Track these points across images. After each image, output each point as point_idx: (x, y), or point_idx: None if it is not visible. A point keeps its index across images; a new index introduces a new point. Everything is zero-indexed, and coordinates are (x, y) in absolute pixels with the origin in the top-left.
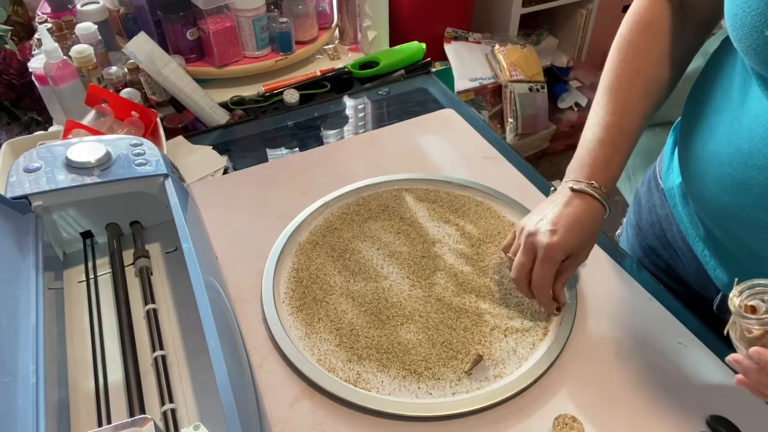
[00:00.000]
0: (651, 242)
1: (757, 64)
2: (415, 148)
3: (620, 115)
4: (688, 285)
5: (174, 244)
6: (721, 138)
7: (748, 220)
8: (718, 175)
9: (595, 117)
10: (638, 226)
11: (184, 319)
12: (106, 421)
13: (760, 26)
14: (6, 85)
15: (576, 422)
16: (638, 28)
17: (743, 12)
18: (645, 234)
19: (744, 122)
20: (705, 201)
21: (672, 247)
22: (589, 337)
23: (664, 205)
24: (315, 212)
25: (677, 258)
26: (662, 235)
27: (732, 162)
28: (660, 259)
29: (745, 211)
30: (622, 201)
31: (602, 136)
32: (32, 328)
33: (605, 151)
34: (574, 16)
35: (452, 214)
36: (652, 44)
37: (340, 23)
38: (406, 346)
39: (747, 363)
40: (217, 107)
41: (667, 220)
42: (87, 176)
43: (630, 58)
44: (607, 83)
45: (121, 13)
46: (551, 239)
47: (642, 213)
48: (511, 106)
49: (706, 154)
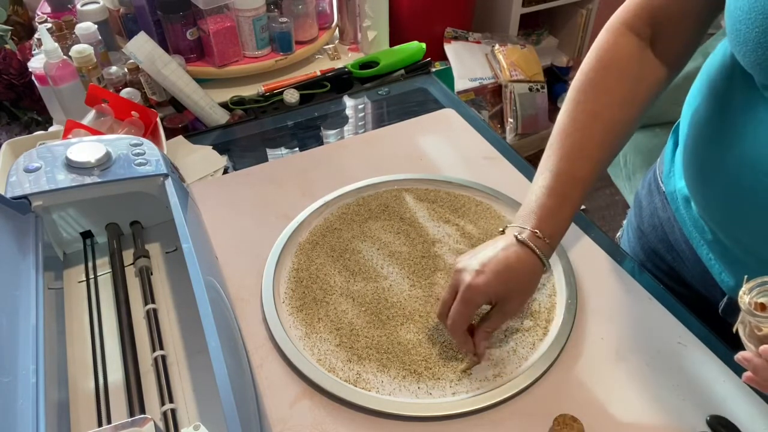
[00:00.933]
0: (653, 245)
1: (762, 77)
2: (415, 148)
3: (572, 163)
4: (692, 288)
5: (174, 244)
6: (724, 143)
7: (754, 226)
8: (722, 181)
9: (547, 162)
10: (639, 229)
11: (184, 319)
12: (106, 421)
13: (765, 43)
14: (6, 85)
15: (576, 422)
16: (600, 66)
17: (746, 29)
18: (647, 237)
19: (748, 127)
20: (709, 206)
21: (675, 251)
22: (589, 337)
23: (666, 209)
24: (315, 212)
25: (681, 261)
26: (665, 239)
27: (737, 167)
28: (663, 262)
29: (750, 216)
30: (621, 201)
31: (552, 184)
32: (32, 328)
33: (553, 201)
34: (574, 16)
35: (452, 214)
36: (616, 86)
37: (340, 23)
38: (406, 346)
39: (757, 361)
40: (217, 107)
41: (670, 224)
42: (87, 176)
43: (590, 98)
44: (562, 125)
45: (121, 13)
46: (474, 279)
47: (643, 216)
48: (511, 106)
49: (710, 160)
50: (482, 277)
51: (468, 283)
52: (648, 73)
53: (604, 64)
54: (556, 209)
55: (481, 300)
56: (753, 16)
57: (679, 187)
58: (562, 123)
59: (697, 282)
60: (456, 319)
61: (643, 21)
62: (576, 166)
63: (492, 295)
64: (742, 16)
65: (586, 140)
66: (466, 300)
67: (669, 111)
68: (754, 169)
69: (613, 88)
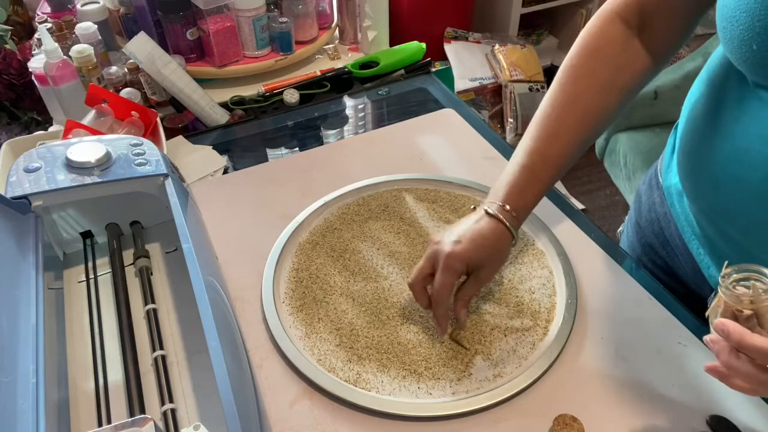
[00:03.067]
0: (650, 240)
1: (749, 73)
2: (415, 148)
3: (545, 143)
4: (685, 284)
5: (174, 244)
6: (716, 136)
7: (740, 218)
8: (712, 173)
9: (523, 142)
10: (638, 224)
11: (184, 319)
12: (106, 421)
13: (749, 40)
14: (6, 85)
15: (576, 422)
16: (586, 53)
17: (732, 26)
18: (644, 231)
19: (739, 121)
20: (699, 198)
21: (670, 246)
22: (589, 337)
23: (663, 203)
24: (315, 212)
25: (675, 256)
26: (660, 233)
27: (726, 160)
28: (658, 257)
29: (737, 207)
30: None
31: (524, 162)
32: (32, 328)
33: (523, 178)
34: (574, 16)
35: (452, 214)
36: (598, 70)
37: (340, 23)
38: (406, 346)
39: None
40: (217, 107)
41: (666, 218)
42: (87, 176)
43: (571, 81)
44: (542, 108)
45: (121, 13)
46: (454, 248)
47: (642, 210)
48: (511, 106)
49: (701, 152)
50: (460, 245)
51: (448, 252)
52: (632, 61)
53: (589, 50)
54: (525, 186)
55: (460, 267)
56: (737, 14)
57: (675, 182)
58: (543, 104)
59: (690, 278)
60: (439, 288)
61: (633, 10)
62: (549, 147)
63: (469, 262)
64: (729, 13)
65: (561, 122)
66: (448, 267)
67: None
68: (741, 162)
69: (595, 73)
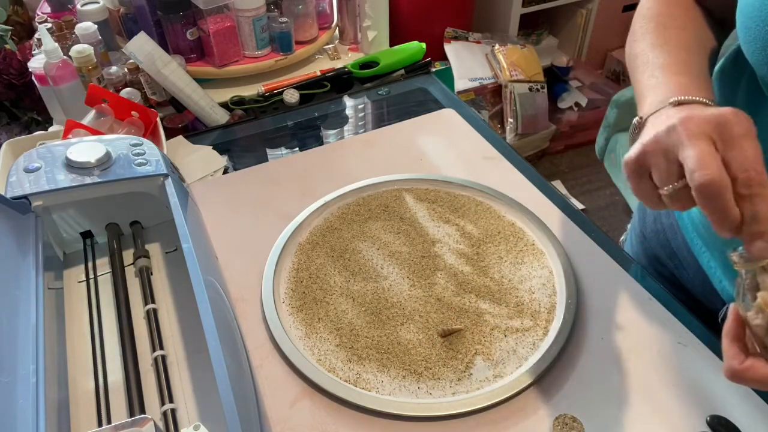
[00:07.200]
0: (656, 251)
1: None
2: (415, 148)
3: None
4: (693, 296)
5: (174, 244)
6: None
7: None
8: None
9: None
10: (642, 235)
11: (184, 319)
12: (106, 421)
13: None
14: (6, 85)
15: (576, 422)
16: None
17: (756, 25)
18: (649, 242)
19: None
20: None
21: (677, 257)
22: (589, 337)
23: (669, 214)
24: (315, 212)
25: (682, 268)
26: (667, 245)
27: None
28: (665, 268)
29: None
30: (621, 201)
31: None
32: (32, 328)
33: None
34: (574, 16)
35: (452, 214)
36: (685, 14)
37: (340, 23)
38: (406, 346)
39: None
40: (217, 107)
41: (672, 230)
42: (87, 176)
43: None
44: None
45: (121, 13)
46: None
47: (646, 221)
48: (511, 106)
49: None
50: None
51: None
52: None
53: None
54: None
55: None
56: (764, 13)
57: None
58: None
59: (698, 290)
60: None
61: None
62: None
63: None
64: (753, 12)
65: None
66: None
67: None
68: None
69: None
